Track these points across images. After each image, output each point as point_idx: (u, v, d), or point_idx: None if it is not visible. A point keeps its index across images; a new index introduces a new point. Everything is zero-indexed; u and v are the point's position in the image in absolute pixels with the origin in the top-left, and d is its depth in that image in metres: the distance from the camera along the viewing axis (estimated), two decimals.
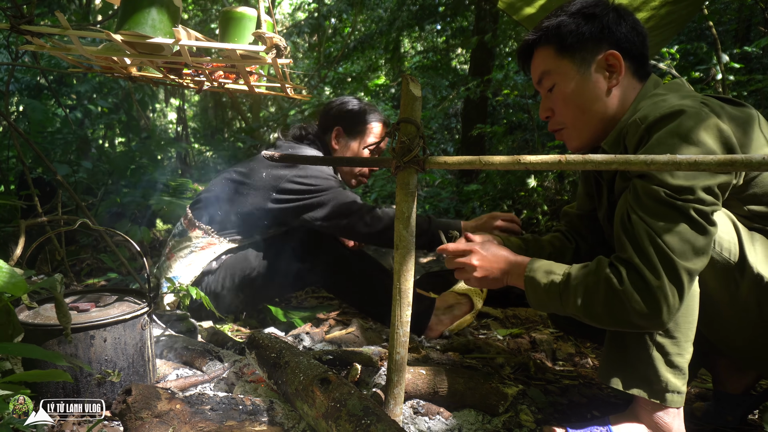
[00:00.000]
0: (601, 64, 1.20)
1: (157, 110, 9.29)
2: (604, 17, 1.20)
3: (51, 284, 1.04)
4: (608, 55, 1.19)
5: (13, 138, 2.61)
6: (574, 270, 1.10)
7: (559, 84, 1.24)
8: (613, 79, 1.20)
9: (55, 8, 3.81)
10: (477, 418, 1.29)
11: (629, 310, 1.01)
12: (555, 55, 1.23)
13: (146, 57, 1.21)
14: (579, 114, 1.24)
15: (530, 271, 1.15)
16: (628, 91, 1.21)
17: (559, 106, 1.26)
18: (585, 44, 1.20)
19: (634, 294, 0.99)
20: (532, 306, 1.19)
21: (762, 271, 1.05)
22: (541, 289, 1.13)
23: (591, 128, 1.24)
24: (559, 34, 1.22)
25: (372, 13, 8.69)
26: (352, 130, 2.14)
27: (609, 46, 1.19)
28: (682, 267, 0.98)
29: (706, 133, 0.99)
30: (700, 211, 0.99)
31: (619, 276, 1.01)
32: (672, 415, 1.11)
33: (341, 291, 2.02)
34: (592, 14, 1.20)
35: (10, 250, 2.13)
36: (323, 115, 2.20)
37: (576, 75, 1.21)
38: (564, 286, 1.09)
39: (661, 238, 0.98)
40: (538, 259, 1.18)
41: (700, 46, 3.74)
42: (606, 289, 1.02)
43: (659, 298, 0.98)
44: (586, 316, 1.08)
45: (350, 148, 2.15)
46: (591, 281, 1.05)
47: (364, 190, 8.15)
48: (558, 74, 1.24)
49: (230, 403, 1.17)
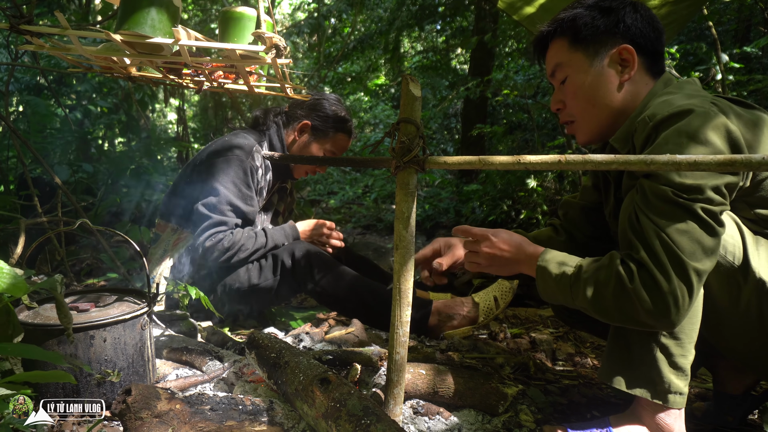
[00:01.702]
0: (614, 58, 1.19)
1: (157, 110, 9.29)
2: (620, 11, 1.19)
3: (51, 284, 1.04)
4: (622, 50, 1.18)
5: (13, 138, 2.61)
6: (585, 263, 1.09)
7: (571, 76, 1.24)
8: (626, 73, 1.19)
9: (54, 8, 3.80)
10: (477, 418, 1.29)
11: (638, 309, 1.00)
12: (569, 48, 1.23)
13: (146, 57, 1.21)
14: (589, 107, 1.24)
15: (543, 261, 1.15)
16: (640, 86, 1.21)
17: (569, 98, 1.26)
18: (599, 37, 1.20)
19: (643, 293, 0.99)
20: (541, 296, 1.19)
21: (765, 276, 1.05)
22: (552, 279, 1.12)
23: (600, 122, 1.24)
24: (574, 26, 1.22)
25: (372, 13, 8.69)
26: (318, 131, 2.11)
27: (623, 40, 1.19)
28: (692, 267, 0.97)
29: (714, 133, 0.99)
30: (708, 211, 0.98)
31: (631, 274, 1.01)
32: (674, 417, 1.10)
33: (331, 304, 2.00)
34: (608, 8, 1.20)
35: (10, 250, 2.13)
36: (300, 103, 2.14)
37: (588, 68, 1.21)
38: (575, 278, 1.09)
39: (671, 239, 0.98)
40: (551, 249, 1.17)
41: (700, 46, 3.74)
42: (616, 286, 1.02)
43: (668, 298, 0.97)
44: (595, 311, 1.07)
45: (309, 147, 2.12)
46: (602, 276, 1.05)
47: (364, 190, 8.14)
48: (570, 66, 1.24)
49: (230, 403, 1.16)
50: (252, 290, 1.95)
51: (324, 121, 2.10)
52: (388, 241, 5.35)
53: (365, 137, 10.14)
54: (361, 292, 1.91)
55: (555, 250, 1.17)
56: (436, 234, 5.69)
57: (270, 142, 2.10)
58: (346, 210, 7.26)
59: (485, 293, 1.95)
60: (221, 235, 1.88)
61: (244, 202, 1.94)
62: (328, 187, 8.57)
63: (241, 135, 2.04)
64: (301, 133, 2.12)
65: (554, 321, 2.17)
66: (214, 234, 1.88)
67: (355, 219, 6.67)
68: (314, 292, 1.95)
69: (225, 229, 1.89)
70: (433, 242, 1.47)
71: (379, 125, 10.78)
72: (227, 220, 1.89)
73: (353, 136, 2.19)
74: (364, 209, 7.06)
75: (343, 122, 2.12)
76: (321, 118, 2.11)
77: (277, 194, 2.26)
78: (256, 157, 1.98)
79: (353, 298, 1.92)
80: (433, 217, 6.06)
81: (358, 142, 10.02)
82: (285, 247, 1.99)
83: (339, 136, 2.13)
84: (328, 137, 2.11)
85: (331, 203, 7.54)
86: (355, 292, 1.91)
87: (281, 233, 2.03)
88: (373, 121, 10.99)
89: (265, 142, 2.10)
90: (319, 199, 7.80)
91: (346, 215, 6.93)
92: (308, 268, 1.94)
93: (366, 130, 10.83)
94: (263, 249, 1.96)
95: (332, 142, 2.13)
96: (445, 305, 1.93)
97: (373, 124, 10.96)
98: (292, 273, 1.94)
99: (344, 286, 1.92)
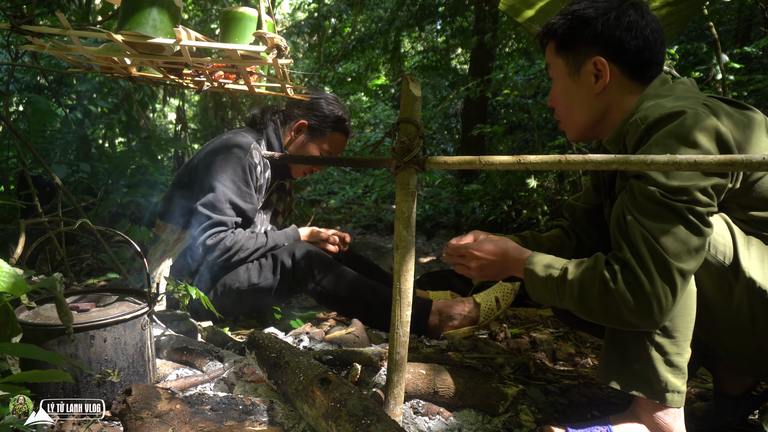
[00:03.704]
0: (589, 69, 1.21)
1: (157, 110, 9.29)
2: (600, 20, 1.18)
3: (51, 284, 1.04)
4: (596, 61, 1.20)
5: (13, 138, 2.61)
6: (571, 265, 1.11)
7: (555, 80, 1.30)
8: (599, 85, 1.21)
9: (55, 8, 3.80)
10: (477, 418, 1.29)
11: (622, 309, 1.02)
12: (555, 53, 1.27)
13: (146, 57, 1.21)
14: (567, 113, 1.30)
15: (530, 264, 1.17)
16: (623, 93, 1.21)
17: (555, 100, 1.32)
18: (577, 47, 1.22)
19: (626, 294, 1.00)
20: (531, 298, 1.22)
21: (755, 276, 1.05)
22: (539, 282, 1.15)
23: (579, 126, 1.29)
24: (556, 33, 1.25)
25: (372, 13, 8.69)
26: (315, 131, 2.10)
27: (599, 51, 1.19)
28: (675, 267, 0.98)
29: (703, 135, 1.00)
30: (695, 212, 0.99)
31: (614, 275, 1.02)
32: (672, 415, 1.11)
33: (331, 304, 2.00)
34: (589, 17, 1.19)
35: (10, 250, 2.13)
36: (297, 102, 2.12)
37: (566, 76, 1.25)
38: (561, 280, 1.11)
39: (656, 239, 0.99)
40: (538, 253, 1.20)
41: (700, 46, 3.75)
42: (600, 287, 1.03)
43: (651, 298, 0.99)
44: (582, 312, 1.09)
45: (306, 146, 2.11)
46: (587, 278, 1.06)
47: (364, 190, 8.15)
48: (554, 71, 1.29)
49: (230, 403, 1.17)
50: (252, 290, 1.95)
51: (321, 120, 2.10)
52: (388, 241, 5.35)
53: (365, 137, 10.14)
54: (361, 292, 1.91)
55: (542, 253, 1.19)
56: (436, 234, 5.69)
57: (268, 141, 2.10)
58: (346, 210, 7.27)
59: (486, 294, 1.95)
60: (222, 234, 1.88)
61: (244, 200, 1.94)
62: (328, 187, 8.58)
63: (239, 133, 2.04)
64: (298, 133, 2.12)
65: (554, 321, 2.17)
66: (215, 233, 1.88)
67: (355, 219, 6.68)
68: (314, 291, 1.95)
69: (226, 228, 1.89)
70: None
71: (379, 125, 10.79)
72: (227, 220, 1.90)
73: (351, 136, 2.18)
74: (364, 209, 7.07)
75: (340, 122, 2.11)
76: (318, 117, 2.10)
77: (276, 193, 2.26)
78: (255, 154, 1.97)
79: (354, 297, 1.92)
80: (433, 217, 6.07)
81: (358, 142, 10.02)
82: (285, 247, 1.99)
83: (336, 136, 2.12)
84: (325, 137, 2.11)
85: (331, 203, 7.54)
86: (355, 292, 1.92)
87: (282, 236, 2.04)
88: (373, 121, 11.00)
89: (263, 140, 2.10)
90: (320, 199, 7.81)
91: (346, 215, 6.93)
92: (308, 268, 1.94)
93: (366, 130, 10.83)
94: (263, 249, 1.96)
95: (329, 141, 2.12)
96: (445, 305, 1.93)
97: (373, 124, 10.97)
98: (292, 273, 1.94)
99: (345, 286, 1.92)
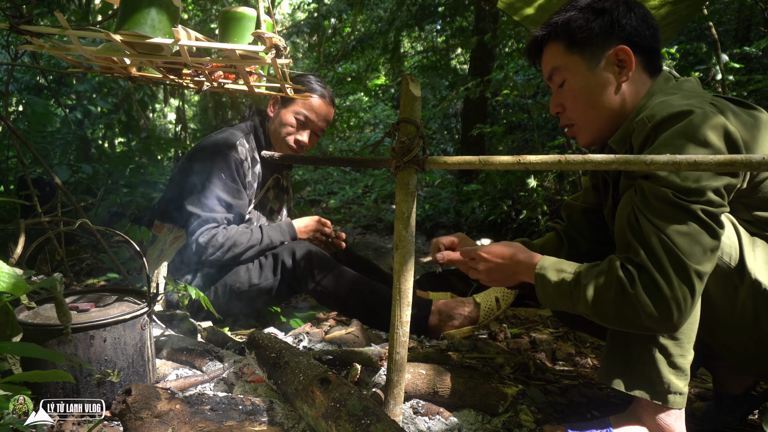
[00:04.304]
0: (611, 60, 1.18)
1: (157, 110, 9.30)
2: (614, 11, 1.18)
3: (51, 284, 1.04)
4: (618, 51, 1.17)
5: (13, 138, 2.61)
6: (584, 269, 1.09)
7: (569, 80, 1.23)
8: (623, 74, 1.18)
9: (54, 8, 3.80)
10: (477, 418, 1.29)
11: (640, 314, 0.99)
12: (565, 51, 1.22)
13: (146, 57, 1.21)
14: (588, 110, 1.23)
15: (541, 268, 1.14)
16: (639, 86, 1.20)
17: (569, 102, 1.25)
18: (595, 40, 1.18)
19: (645, 298, 0.98)
20: (542, 303, 1.18)
21: (760, 278, 1.05)
22: (551, 287, 1.11)
23: (601, 124, 1.23)
24: (568, 30, 1.20)
25: (372, 13, 8.69)
26: (285, 98, 2.06)
27: (619, 41, 1.17)
28: (693, 269, 0.96)
29: (712, 134, 0.98)
30: (709, 213, 0.98)
31: (631, 279, 1.00)
32: (674, 417, 1.10)
33: (331, 304, 2.00)
34: (601, 9, 1.18)
35: (10, 250, 2.13)
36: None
37: (586, 71, 1.20)
38: (574, 284, 1.08)
39: (671, 241, 0.97)
40: (548, 257, 1.17)
41: (700, 46, 3.75)
42: (617, 291, 1.01)
43: (670, 302, 0.97)
44: (596, 316, 1.06)
45: (281, 116, 2.08)
46: (602, 282, 1.04)
47: (364, 190, 8.14)
48: (568, 70, 1.23)
49: (230, 403, 1.16)
50: (252, 290, 1.95)
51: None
52: (388, 241, 5.35)
53: (365, 137, 10.14)
54: (361, 292, 1.91)
55: (551, 257, 1.16)
56: (436, 234, 5.69)
57: (255, 135, 2.11)
58: (346, 210, 7.27)
59: (487, 294, 1.95)
60: (214, 231, 1.88)
61: (232, 196, 1.94)
62: (328, 187, 8.58)
63: (227, 130, 2.05)
64: (274, 107, 2.11)
65: (554, 321, 2.17)
66: (207, 230, 1.87)
67: (355, 219, 6.68)
68: (315, 291, 1.95)
69: (216, 225, 1.89)
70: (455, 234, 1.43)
71: (378, 125, 10.79)
72: (217, 216, 1.90)
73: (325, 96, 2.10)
74: (364, 209, 7.07)
75: (307, 83, 2.07)
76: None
77: (272, 191, 2.26)
78: (240, 150, 1.98)
79: (354, 297, 1.92)
80: (433, 217, 6.07)
81: (358, 142, 10.02)
82: (285, 247, 1.99)
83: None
84: (294, 100, 2.06)
85: (331, 203, 7.55)
86: (355, 292, 1.91)
87: (277, 230, 2.03)
88: (373, 121, 11.00)
89: (251, 135, 2.10)
90: (319, 199, 7.81)
91: (346, 215, 6.93)
92: (309, 268, 1.94)
93: (366, 130, 10.83)
94: (258, 245, 1.95)
95: (299, 102, 2.06)
96: (445, 305, 1.93)
97: (373, 124, 10.97)
98: (292, 273, 1.94)
99: (345, 286, 1.92)
